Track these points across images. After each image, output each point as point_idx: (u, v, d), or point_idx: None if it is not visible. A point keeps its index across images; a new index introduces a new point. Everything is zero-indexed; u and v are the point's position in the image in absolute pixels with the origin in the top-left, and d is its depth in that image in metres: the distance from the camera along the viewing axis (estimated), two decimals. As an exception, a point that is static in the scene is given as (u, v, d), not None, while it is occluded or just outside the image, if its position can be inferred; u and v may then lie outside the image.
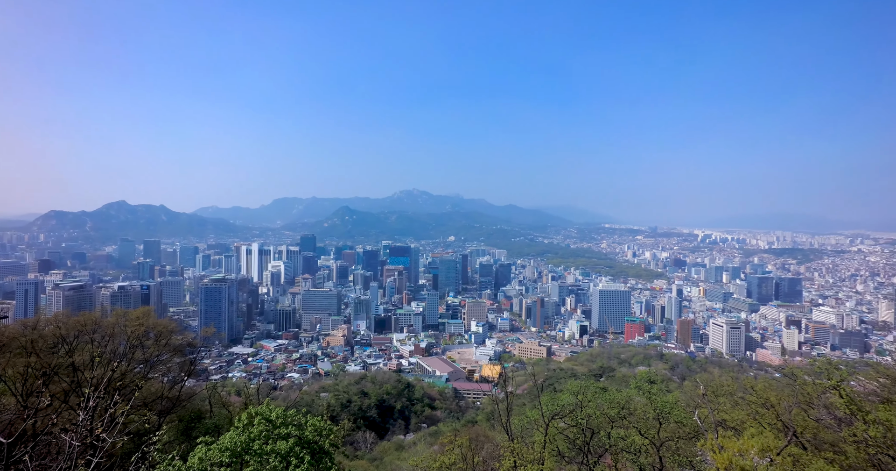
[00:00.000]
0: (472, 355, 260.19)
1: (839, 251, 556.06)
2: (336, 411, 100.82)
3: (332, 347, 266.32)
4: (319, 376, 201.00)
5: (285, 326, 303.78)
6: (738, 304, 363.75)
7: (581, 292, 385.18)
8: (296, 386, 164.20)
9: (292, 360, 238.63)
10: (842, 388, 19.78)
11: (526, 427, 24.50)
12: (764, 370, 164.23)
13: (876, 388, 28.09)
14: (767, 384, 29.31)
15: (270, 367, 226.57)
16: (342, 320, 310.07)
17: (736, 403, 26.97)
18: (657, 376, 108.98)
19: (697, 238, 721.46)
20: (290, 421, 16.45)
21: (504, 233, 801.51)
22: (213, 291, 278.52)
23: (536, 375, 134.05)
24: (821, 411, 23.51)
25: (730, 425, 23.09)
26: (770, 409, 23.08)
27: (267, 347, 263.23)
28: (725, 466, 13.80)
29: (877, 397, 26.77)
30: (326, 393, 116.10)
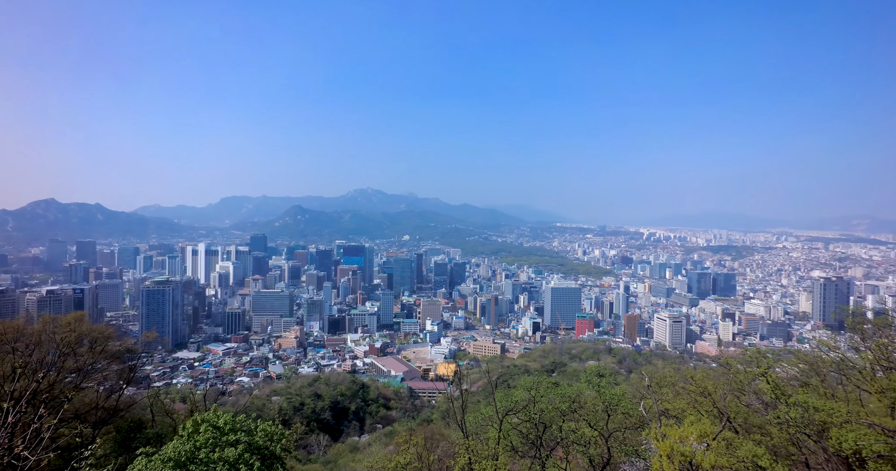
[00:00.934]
0: (428, 353, 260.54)
1: (767, 248, 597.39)
2: (288, 415, 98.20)
3: (284, 349, 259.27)
4: (271, 379, 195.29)
5: (234, 328, 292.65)
6: (679, 298, 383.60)
7: (534, 290, 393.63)
8: (246, 390, 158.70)
9: (242, 363, 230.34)
10: (768, 375, 21.33)
11: (480, 424, 24.81)
12: (702, 361, 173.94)
13: (797, 373, 30.45)
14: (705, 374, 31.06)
15: (219, 371, 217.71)
16: (294, 322, 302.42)
17: (677, 392, 28.40)
18: (606, 370, 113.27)
19: (643, 236, 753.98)
20: (238, 427, 15.86)
21: (459, 232, 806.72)
22: (155, 294, 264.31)
23: (490, 372, 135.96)
24: (751, 396, 25.21)
25: (672, 414, 24.28)
26: (707, 397, 24.46)
27: (215, 351, 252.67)
28: (667, 453, 14.45)
29: (797, 381, 29.03)
30: (278, 397, 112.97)
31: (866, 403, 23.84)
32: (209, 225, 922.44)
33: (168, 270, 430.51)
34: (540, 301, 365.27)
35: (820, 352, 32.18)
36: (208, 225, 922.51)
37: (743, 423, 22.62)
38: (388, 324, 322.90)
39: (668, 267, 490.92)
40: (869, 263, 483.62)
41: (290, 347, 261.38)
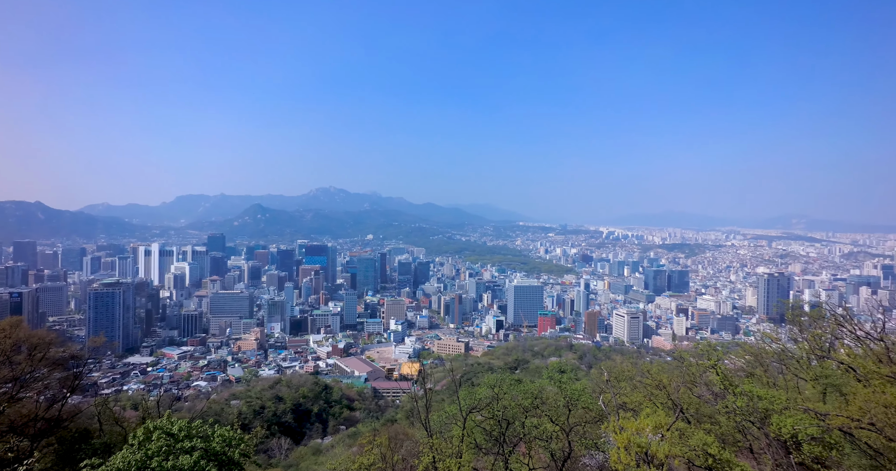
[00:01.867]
0: (392, 353, 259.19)
1: (718, 246, 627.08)
2: (248, 419, 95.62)
3: (244, 351, 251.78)
4: (230, 382, 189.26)
5: (191, 331, 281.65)
6: (637, 295, 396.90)
7: (497, 288, 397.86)
8: (203, 395, 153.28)
9: (199, 367, 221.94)
10: (718, 367, 22.38)
11: (445, 422, 24.90)
12: (658, 355, 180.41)
13: (743, 364, 32.18)
14: (661, 368, 32.26)
15: (174, 376, 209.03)
16: (255, 323, 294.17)
17: (635, 386, 29.42)
18: (567, 366, 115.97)
19: (602, 235, 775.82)
20: (194, 433, 15.32)
21: (423, 231, 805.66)
22: (104, 297, 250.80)
23: (455, 370, 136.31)
24: (702, 388, 26.37)
25: (630, 407, 25.10)
26: (662, 390, 25.44)
27: (169, 355, 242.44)
28: (625, 445, 14.96)
29: (743, 372, 30.66)
30: (238, 400, 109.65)
31: (803, 390, 25.46)
32: (163, 224, 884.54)
33: (118, 271, 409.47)
34: (503, 299, 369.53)
35: (763, 344, 34.11)
36: (162, 224, 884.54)
37: (695, 413, 23.63)
38: (352, 324, 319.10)
39: (627, 265, 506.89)
40: (806, 259, 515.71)
41: (251, 349, 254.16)
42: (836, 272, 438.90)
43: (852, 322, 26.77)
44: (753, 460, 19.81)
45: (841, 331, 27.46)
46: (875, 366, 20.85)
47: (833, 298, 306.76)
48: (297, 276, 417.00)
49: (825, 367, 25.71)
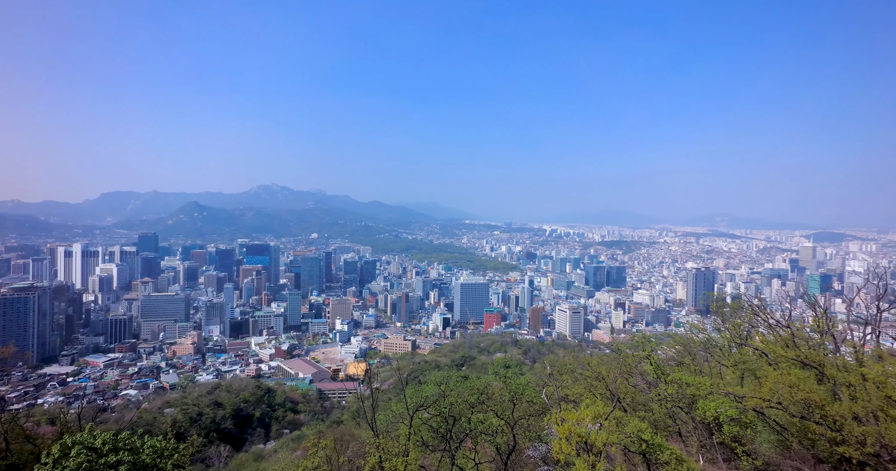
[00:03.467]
0: (338, 353, 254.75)
1: (652, 242, 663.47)
2: (184, 427, 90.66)
3: (180, 356, 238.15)
4: (164, 390, 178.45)
5: (119, 337, 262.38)
6: (578, 291, 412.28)
7: (444, 286, 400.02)
8: (133, 404, 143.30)
9: (128, 375, 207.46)
10: (651, 357, 23.76)
11: (391, 421, 24.82)
12: (598, 348, 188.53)
13: (674, 354, 34.36)
14: (600, 360, 33.80)
15: (99, 386, 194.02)
16: (191, 327, 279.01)
17: (576, 379, 30.61)
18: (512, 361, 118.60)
19: (546, 233, 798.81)
20: (121, 446, 14.33)
21: (369, 229, 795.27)
22: (14, 303, 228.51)
23: (401, 369, 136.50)
24: (637, 378, 27.91)
25: (571, 399, 26.11)
26: (601, 381, 26.62)
27: (94, 363, 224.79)
28: (566, 435, 15.55)
29: (674, 361, 32.74)
30: (172, 408, 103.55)
31: (724, 375, 27.54)
32: (87, 223, 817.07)
33: (32, 274, 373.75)
34: (450, 297, 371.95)
35: (691, 334, 36.56)
36: (85, 223, 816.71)
37: (631, 402, 24.92)
38: (296, 325, 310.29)
39: (569, 261, 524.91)
40: (728, 254, 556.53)
41: (187, 353, 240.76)
42: (753, 266, 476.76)
43: (765, 312, 29.27)
44: (682, 443, 21.20)
45: (756, 320, 30.00)
46: (783, 351, 22.94)
47: (750, 290, 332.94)
48: (237, 276, 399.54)
49: (743, 353, 27.97)
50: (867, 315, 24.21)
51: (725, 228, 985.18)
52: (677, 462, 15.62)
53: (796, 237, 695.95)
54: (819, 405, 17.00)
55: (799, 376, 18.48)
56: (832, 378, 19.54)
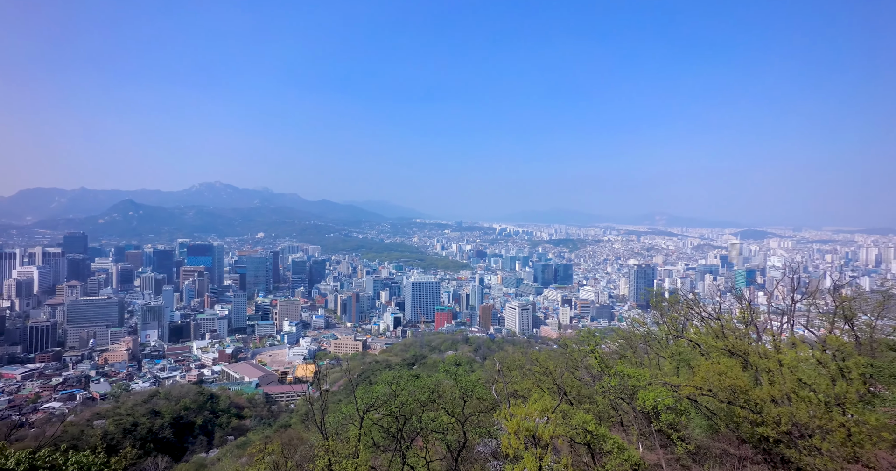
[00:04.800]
0: (286, 355, 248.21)
1: (597, 240, 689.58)
2: (116, 439, 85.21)
3: (112, 364, 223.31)
4: (93, 401, 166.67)
5: (41, 346, 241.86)
6: (527, 288, 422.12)
7: (395, 285, 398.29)
8: (57, 418, 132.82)
9: (51, 386, 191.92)
10: (596, 351, 24.69)
11: (341, 423, 24.50)
12: (546, 343, 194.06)
13: (617, 347, 35.98)
14: (548, 355, 34.73)
15: (14, 399, 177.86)
16: (126, 332, 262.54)
17: (525, 374, 31.34)
18: (463, 359, 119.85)
19: (496, 231, 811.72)
20: (40, 464, 13.27)
21: (318, 228, 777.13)
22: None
23: (352, 369, 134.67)
24: (583, 371, 28.94)
25: (520, 394, 26.69)
26: (549, 375, 27.39)
27: (9, 375, 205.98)
28: (514, 430, 15.92)
29: (617, 354, 34.27)
30: (102, 420, 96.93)
31: (662, 366, 29.15)
32: (1, 222, 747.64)
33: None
34: (401, 296, 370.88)
35: (633, 328, 38.41)
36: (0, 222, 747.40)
37: (577, 395, 25.82)
38: (241, 327, 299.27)
39: (518, 259, 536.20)
40: (666, 251, 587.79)
41: (120, 361, 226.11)
42: (688, 262, 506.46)
43: (699, 305, 31.23)
44: (623, 432, 22.26)
45: (691, 313, 31.92)
46: (714, 341, 24.60)
47: (686, 285, 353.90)
48: (177, 278, 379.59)
49: (679, 345, 29.72)
50: (784, 306, 26.45)
51: (664, 227, 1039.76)
52: (619, 451, 16.40)
53: (726, 235, 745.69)
54: (743, 391, 18.38)
55: (727, 365, 19.87)
56: (755, 365, 21.16)
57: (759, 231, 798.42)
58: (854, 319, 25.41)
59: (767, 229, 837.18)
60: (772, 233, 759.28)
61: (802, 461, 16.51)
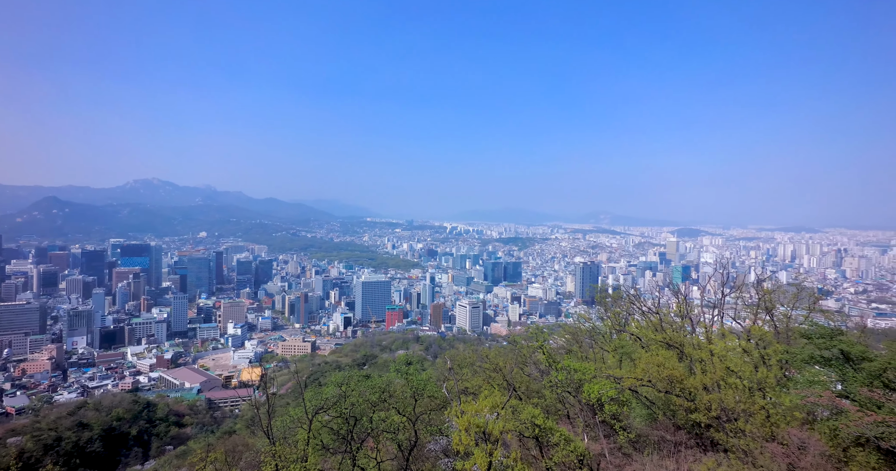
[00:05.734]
0: (230, 359, 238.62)
1: (545, 239, 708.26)
2: (35, 457, 78.62)
3: (32, 375, 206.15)
4: (7, 416, 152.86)
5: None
6: (477, 286, 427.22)
7: (345, 285, 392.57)
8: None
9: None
10: (544, 347, 25.43)
11: (289, 427, 23.87)
12: (496, 340, 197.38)
13: (564, 343, 37.15)
14: (497, 352, 35.41)
15: None
16: (49, 339, 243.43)
17: (475, 371, 31.71)
18: (414, 358, 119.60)
19: (447, 230, 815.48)
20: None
21: (265, 227, 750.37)
22: None
23: (300, 372, 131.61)
24: (532, 367, 29.70)
25: (471, 391, 26.99)
26: (499, 372, 27.89)
27: None
28: (465, 427, 16.14)
29: (564, 349, 35.44)
30: (19, 437, 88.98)
31: (607, 360, 30.42)
32: None
33: None
34: (351, 296, 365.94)
35: (579, 323, 39.83)
36: None
37: (525, 390, 26.44)
38: (182, 331, 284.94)
39: (468, 258, 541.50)
40: (610, 249, 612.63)
41: (42, 371, 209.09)
42: (630, 259, 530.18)
43: (640, 301, 32.81)
44: (570, 424, 23.05)
45: (633, 308, 33.50)
46: (653, 334, 25.97)
47: (628, 281, 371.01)
48: (110, 280, 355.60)
49: (622, 339, 31.13)
50: (715, 299, 28.34)
51: (608, 225, 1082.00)
52: (565, 442, 17.01)
53: (664, 233, 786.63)
54: (679, 380, 19.54)
55: (665, 356, 21.05)
56: (689, 356, 22.54)
57: (694, 229, 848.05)
58: (773, 310, 27.59)
59: (701, 228, 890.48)
60: (705, 231, 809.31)
61: (729, 443, 17.80)
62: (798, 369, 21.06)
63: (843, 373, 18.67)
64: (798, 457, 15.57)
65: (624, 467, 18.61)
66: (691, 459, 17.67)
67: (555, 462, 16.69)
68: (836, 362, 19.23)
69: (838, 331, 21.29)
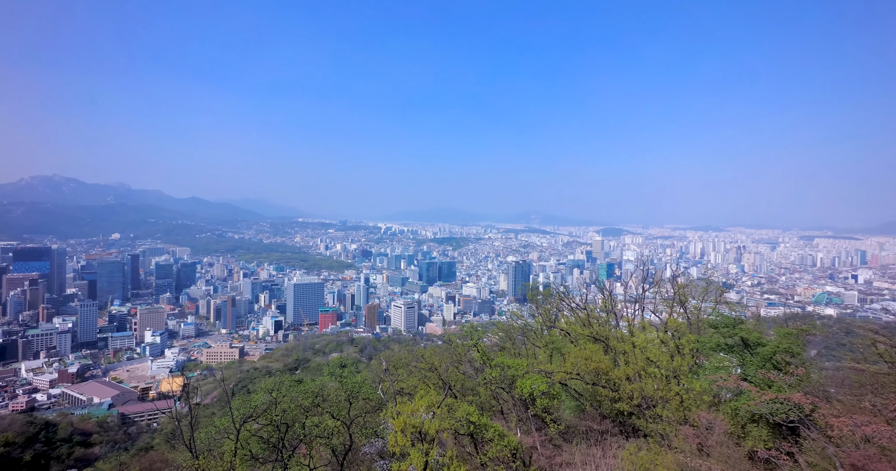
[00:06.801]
0: (148, 369, 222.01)
1: (478, 238, 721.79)
2: None
3: None
4: None
5: None
6: (412, 286, 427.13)
7: (275, 287, 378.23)
8: None
9: None
10: (478, 345, 25.92)
11: (214, 438, 22.57)
12: (431, 340, 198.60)
13: (497, 340, 38.07)
14: (433, 351, 35.51)
15: None
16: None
17: (411, 371, 31.65)
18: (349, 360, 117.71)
19: (381, 230, 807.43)
20: None
21: (187, 228, 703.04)
22: None
23: (227, 379, 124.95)
24: (466, 365, 30.09)
25: (406, 392, 26.93)
26: (434, 371, 28.02)
27: None
28: (401, 427, 16.07)
29: (497, 346, 36.33)
30: None
31: (538, 355, 31.55)
32: None
33: None
34: (282, 299, 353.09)
35: (512, 321, 40.95)
36: None
37: (461, 388, 26.77)
38: (91, 342, 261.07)
39: (403, 258, 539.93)
40: (541, 248, 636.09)
41: None
42: (559, 258, 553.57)
43: (568, 297, 34.32)
44: (503, 420, 23.64)
45: (562, 305, 34.97)
46: (581, 329, 27.29)
47: (558, 278, 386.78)
48: (0, 288, 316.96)
49: (552, 334, 32.39)
50: (636, 295, 30.32)
51: (538, 225, 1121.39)
52: (499, 438, 17.42)
53: (590, 232, 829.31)
54: (605, 372, 20.68)
55: (592, 350, 22.18)
56: (614, 348, 23.92)
57: (617, 229, 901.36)
58: (686, 303, 29.97)
59: (624, 227, 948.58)
60: (627, 230, 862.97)
61: (648, 428, 19.11)
62: (707, 357, 22.99)
63: (743, 358, 20.63)
64: (706, 437, 17.02)
65: (554, 457, 19.39)
66: (615, 446, 18.75)
67: (489, 458, 17.04)
68: (737, 348, 21.19)
69: (739, 320, 23.52)
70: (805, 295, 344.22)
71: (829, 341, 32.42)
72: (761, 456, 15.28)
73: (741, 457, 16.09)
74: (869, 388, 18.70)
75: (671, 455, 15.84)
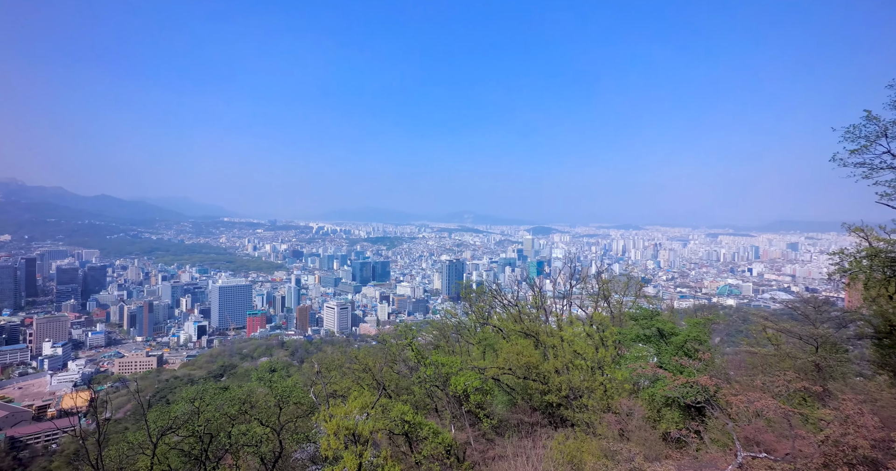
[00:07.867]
0: (46, 385, 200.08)
1: (412, 238, 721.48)
2: None
3: None
4: None
5: None
6: (346, 287, 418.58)
7: (199, 291, 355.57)
8: None
9: None
10: (413, 344, 25.92)
11: (127, 455, 20.82)
12: (365, 341, 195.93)
13: (432, 339, 38.30)
14: (367, 352, 35.14)
15: None
16: None
17: (344, 373, 31.08)
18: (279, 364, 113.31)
19: (312, 230, 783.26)
20: None
21: (96, 229, 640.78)
22: None
23: (143, 390, 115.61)
24: (401, 364, 30.02)
25: (340, 394, 26.40)
26: (368, 372, 27.72)
27: None
28: (334, 430, 15.74)
29: (432, 345, 36.56)
30: None
31: (472, 352, 32.14)
32: None
33: None
34: (206, 302, 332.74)
35: (446, 319, 41.38)
36: None
37: (395, 388, 26.70)
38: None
39: (336, 258, 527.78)
40: (474, 247, 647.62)
41: None
42: (492, 256, 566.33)
43: (501, 295, 35.23)
44: (438, 417, 23.87)
45: (495, 302, 35.84)
46: (513, 325, 28.11)
47: (490, 276, 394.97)
48: None
49: (485, 331, 33.10)
50: (564, 291, 31.75)
51: (471, 224, 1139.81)
52: (434, 435, 17.58)
53: (521, 231, 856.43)
54: (535, 366, 21.48)
55: (523, 345, 22.96)
56: (544, 343, 24.89)
57: (546, 227, 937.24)
58: (610, 298, 31.86)
59: (553, 226, 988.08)
60: (556, 229, 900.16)
61: (575, 418, 20.10)
62: (628, 347, 24.59)
63: (659, 347, 22.31)
64: (626, 422, 18.22)
65: (487, 451, 19.87)
66: (545, 436, 19.56)
67: (423, 456, 17.14)
68: (654, 338, 22.86)
69: (656, 312, 25.39)
70: (711, 287, 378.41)
71: (729, 329, 36.67)
72: (674, 436, 16.61)
73: (657, 439, 17.42)
74: (760, 368, 21.12)
75: (595, 442, 16.79)
